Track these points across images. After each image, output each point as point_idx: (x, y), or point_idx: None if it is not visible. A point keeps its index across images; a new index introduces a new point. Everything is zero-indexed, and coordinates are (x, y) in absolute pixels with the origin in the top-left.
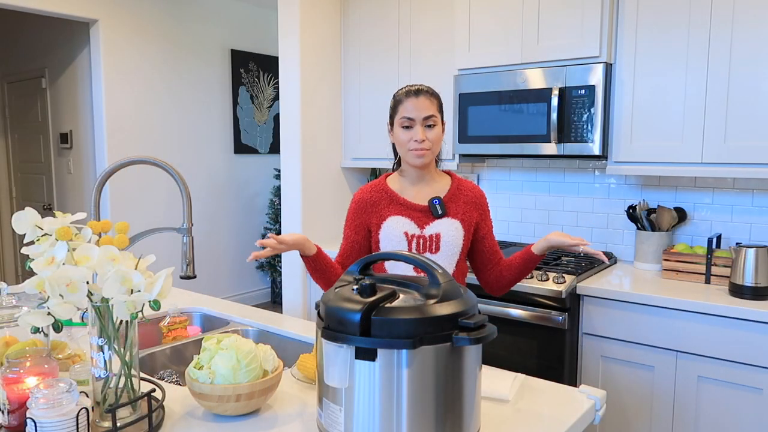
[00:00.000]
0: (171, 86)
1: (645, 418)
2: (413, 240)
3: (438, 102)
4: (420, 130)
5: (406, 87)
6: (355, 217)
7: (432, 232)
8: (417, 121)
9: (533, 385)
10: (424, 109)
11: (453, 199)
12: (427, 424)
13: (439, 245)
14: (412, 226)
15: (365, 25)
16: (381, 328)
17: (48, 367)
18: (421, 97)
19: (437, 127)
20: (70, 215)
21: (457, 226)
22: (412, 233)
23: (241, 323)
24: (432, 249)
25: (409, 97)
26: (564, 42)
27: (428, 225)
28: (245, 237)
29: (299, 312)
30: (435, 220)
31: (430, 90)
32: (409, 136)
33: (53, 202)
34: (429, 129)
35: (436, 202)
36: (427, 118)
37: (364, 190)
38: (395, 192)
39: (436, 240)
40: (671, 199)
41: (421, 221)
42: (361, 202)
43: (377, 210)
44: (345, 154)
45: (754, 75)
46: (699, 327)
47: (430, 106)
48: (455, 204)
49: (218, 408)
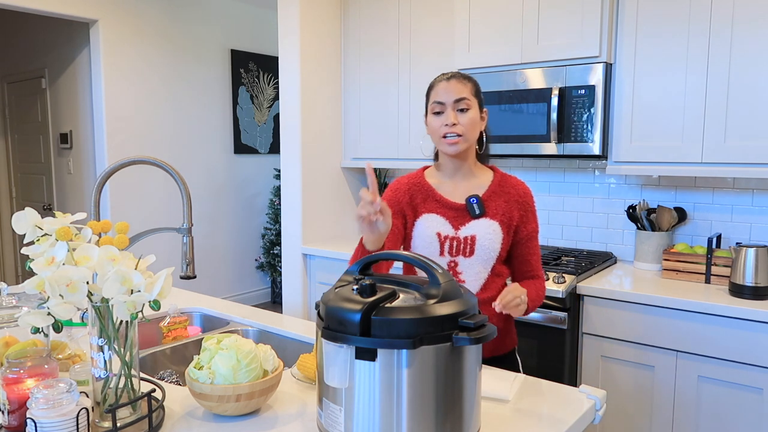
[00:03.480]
0: (171, 86)
1: (645, 418)
2: (446, 242)
3: (473, 86)
4: (451, 114)
5: (440, 75)
6: (392, 204)
7: (467, 233)
8: (447, 104)
9: (533, 385)
10: (455, 92)
11: (493, 197)
12: (427, 424)
13: (473, 249)
14: (446, 226)
15: (365, 25)
16: (381, 328)
17: (48, 367)
18: (452, 80)
19: (471, 111)
20: (70, 215)
21: (495, 228)
22: (445, 234)
23: (241, 323)
24: (466, 252)
25: (439, 82)
26: (564, 42)
27: (464, 226)
28: (245, 237)
29: (299, 312)
30: (472, 220)
31: (464, 74)
32: (440, 122)
33: (53, 203)
34: (461, 113)
35: (474, 201)
36: (458, 101)
37: (400, 182)
38: (432, 186)
39: (470, 243)
40: (671, 199)
41: (457, 221)
42: (397, 192)
43: (412, 204)
44: (345, 154)
45: (754, 75)
46: (699, 327)
47: (462, 88)
48: (495, 203)
49: (218, 408)
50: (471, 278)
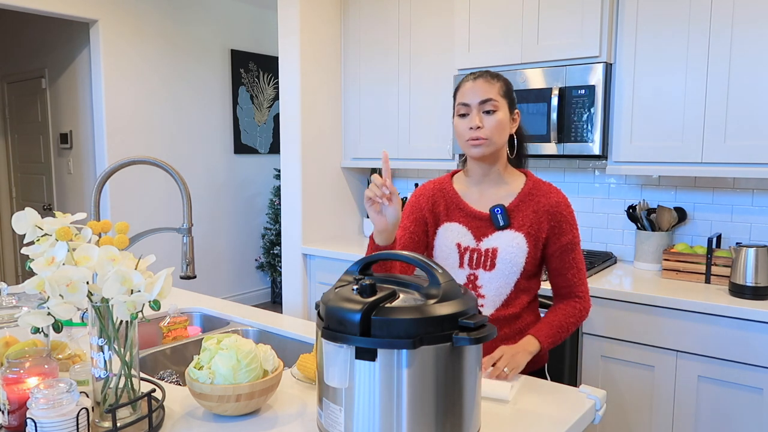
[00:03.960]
0: (171, 86)
1: (645, 418)
2: (465, 253)
3: (502, 86)
4: (476, 116)
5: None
6: (413, 210)
7: (489, 246)
8: (472, 106)
9: (533, 385)
10: (481, 93)
11: (521, 207)
12: (427, 424)
13: (494, 262)
14: (468, 236)
15: (365, 25)
16: (381, 328)
17: (48, 367)
18: (479, 80)
19: (499, 113)
20: (70, 215)
21: (519, 241)
22: (465, 245)
23: (241, 323)
24: (486, 266)
25: (466, 81)
26: (564, 42)
27: (486, 237)
28: (245, 237)
29: (299, 312)
30: (495, 231)
31: (493, 73)
32: (465, 125)
33: (53, 203)
34: (487, 115)
35: (498, 211)
36: (484, 102)
37: (426, 187)
38: (458, 193)
39: (492, 256)
40: (671, 199)
41: (480, 231)
42: (421, 197)
43: (434, 212)
44: (345, 154)
45: (754, 75)
46: (699, 327)
47: (488, 89)
48: (522, 213)
49: (218, 408)
50: (491, 293)
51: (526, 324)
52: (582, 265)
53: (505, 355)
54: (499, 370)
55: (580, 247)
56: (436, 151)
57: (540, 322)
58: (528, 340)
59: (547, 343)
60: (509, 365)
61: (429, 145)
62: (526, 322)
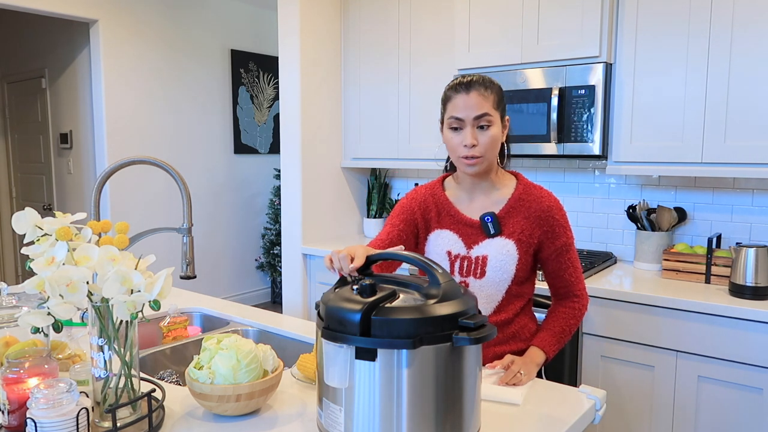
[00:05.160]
0: (171, 86)
1: (645, 418)
2: (456, 261)
3: (495, 96)
4: (470, 133)
5: (458, 79)
6: (404, 211)
7: (479, 253)
8: (467, 121)
9: (533, 385)
10: (476, 107)
11: (512, 213)
12: (427, 424)
13: (484, 270)
14: (458, 244)
15: (365, 25)
16: (381, 328)
17: (48, 367)
18: (472, 92)
19: (493, 127)
20: (70, 215)
21: (509, 249)
22: (456, 253)
23: (241, 323)
24: (477, 274)
25: (458, 93)
26: (564, 42)
27: (477, 245)
28: (245, 237)
29: (299, 312)
30: (486, 239)
31: (484, 82)
32: (458, 140)
33: (53, 202)
34: (482, 131)
35: (488, 219)
36: (479, 118)
37: (418, 192)
38: (449, 200)
39: (482, 264)
40: (671, 199)
41: (470, 239)
42: (413, 201)
43: (425, 219)
44: (345, 154)
45: (754, 75)
46: (699, 327)
47: (482, 102)
48: (513, 219)
49: (218, 408)
50: (483, 301)
51: (520, 327)
52: (577, 263)
53: (518, 361)
54: (513, 373)
55: (574, 246)
56: (436, 152)
57: (542, 331)
58: (534, 351)
59: (552, 351)
60: (523, 369)
61: (429, 145)
62: (519, 325)
